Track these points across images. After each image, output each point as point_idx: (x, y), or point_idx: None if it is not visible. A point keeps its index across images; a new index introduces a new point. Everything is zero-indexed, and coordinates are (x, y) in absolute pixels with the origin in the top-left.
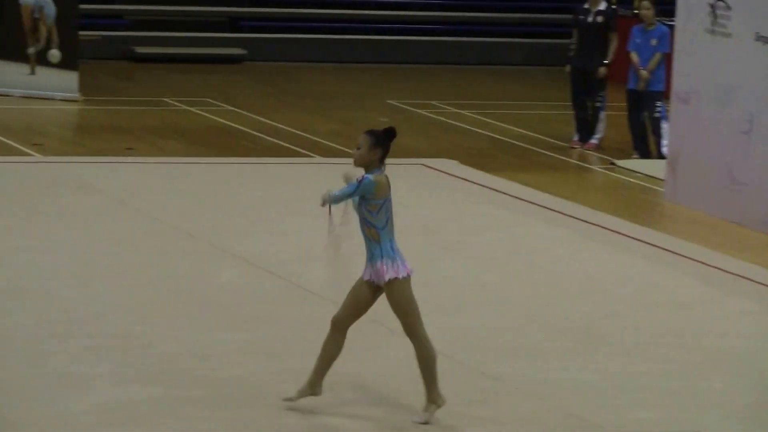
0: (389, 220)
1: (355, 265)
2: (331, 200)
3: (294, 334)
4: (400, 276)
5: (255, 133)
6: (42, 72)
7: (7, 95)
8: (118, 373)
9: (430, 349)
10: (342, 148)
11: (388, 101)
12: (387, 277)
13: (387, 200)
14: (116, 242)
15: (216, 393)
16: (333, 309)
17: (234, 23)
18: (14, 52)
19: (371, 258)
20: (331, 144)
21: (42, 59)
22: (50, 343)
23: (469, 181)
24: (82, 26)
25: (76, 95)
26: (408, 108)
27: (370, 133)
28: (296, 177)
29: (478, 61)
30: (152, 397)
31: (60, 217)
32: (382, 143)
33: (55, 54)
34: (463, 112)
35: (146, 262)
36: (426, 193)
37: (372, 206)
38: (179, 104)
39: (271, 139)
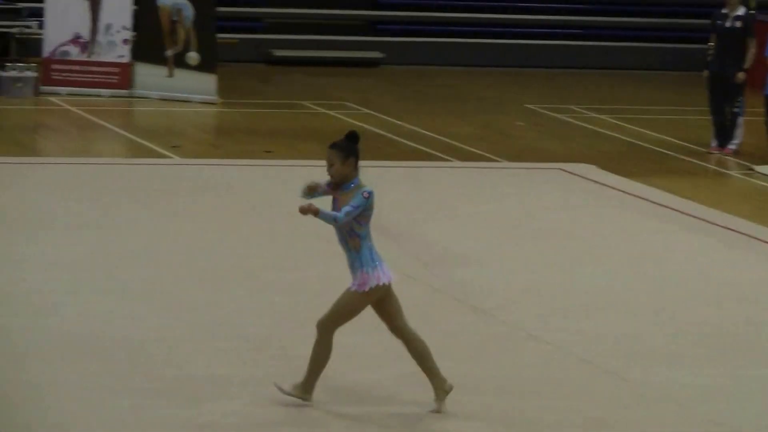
0: (368, 231)
1: None
2: (339, 222)
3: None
4: (380, 283)
5: (393, 136)
6: (180, 74)
7: (146, 98)
8: (254, 376)
9: (420, 342)
10: (480, 152)
11: (526, 105)
12: (368, 287)
13: (372, 212)
14: (252, 245)
15: (354, 396)
16: (476, 315)
17: (372, 26)
18: (153, 55)
19: (352, 268)
20: (469, 148)
21: (180, 62)
22: (185, 346)
23: (607, 186)
24: (220, 29)
25: (214, 98)
26: (546, 112)
27: (336, 147)
28: (434, 180)
29: (617, 66)
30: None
31: (197, 219)
32: (352, 152)
33: (193, 56)
34: (600, 116)
35: (282, 265)
36: (564, 197)
37: (365, 217)
38: (317, 107)
39: (409, 142)
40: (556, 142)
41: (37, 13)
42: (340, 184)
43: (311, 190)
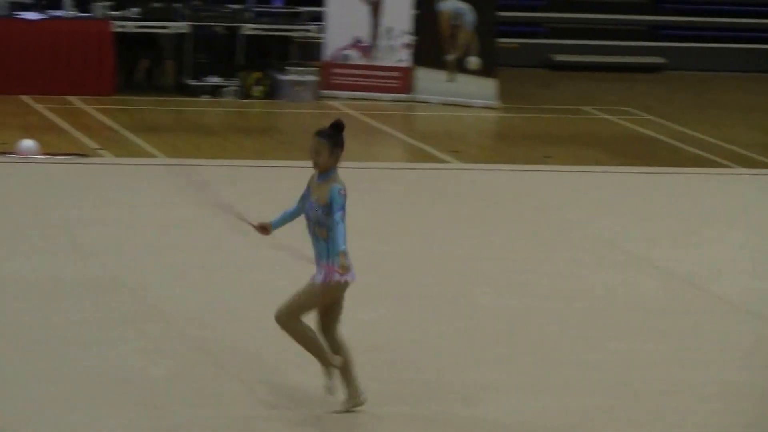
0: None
1: None
2: (344, 243)
3: (709, 347)
4: (343, 280)
5: (676, 143)
6: (461, 79)
7: (426, 102)
8: (529, 383)
9: (346, 351)
10: (766, 159)
11: None
12: (333, 280)
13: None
14: (531, 250)
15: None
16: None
17: (653, 31)
18: (433, 60)
19: (318, 258)
20: (753, 155)
21: (460, 66)
22: (473, 350)
23: None
24: (500, 34)
25: (495, 102)
26: None
27: (323, 135)
28: (716, 188)
29: None
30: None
31: (475, 224)
32: (339, 143)
33: (473, 61)
34: None
35: (562, 270)
36: None
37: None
38: (598, 113)
39: (692, 149)
40: None
41: (318, 17)
42: (320, 174)
43: (265, 231)
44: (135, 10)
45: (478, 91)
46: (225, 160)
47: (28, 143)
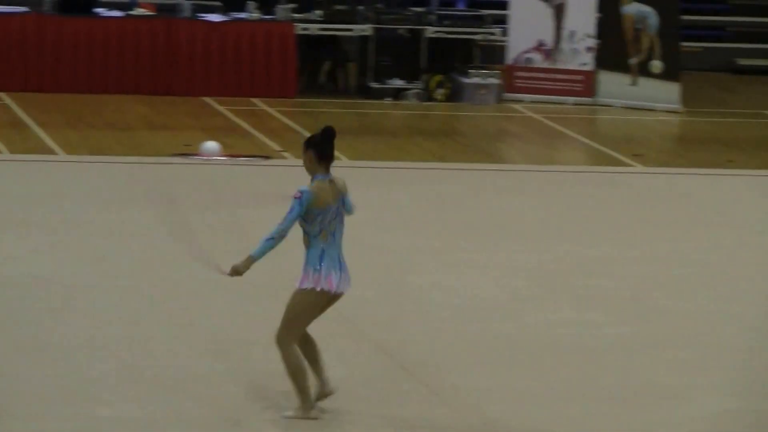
0: (324, 230)
1: None
2: (276, 238)
3: None
4: (318, 288)
5: None
6: (643, 83)
7: (609, 105)
8: (715, 384)
9: (299, 363)
10: None
11: None
12: (304, 285)
13: (325, 211)
14: (713, 254)
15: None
16: None
17: None
18: (616, 63)
19: (304, 263)
20: None
21: (643, 70)
22: (643, 353)
23: None
24: (683, 37)
25: (677, 106)
26: None
27: (305, 140)
28: None
29: None
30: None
31: (657, 227)
32: (312, 146)
33: (656, 65)
34: None
35: (743, 274)
36: None
37: (308, 215)
38: None
39: None
40: None
41: (501, 20)
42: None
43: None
44: (318, 12)
45: (661, 94)
46: (405, 162)
47: (211, 145)
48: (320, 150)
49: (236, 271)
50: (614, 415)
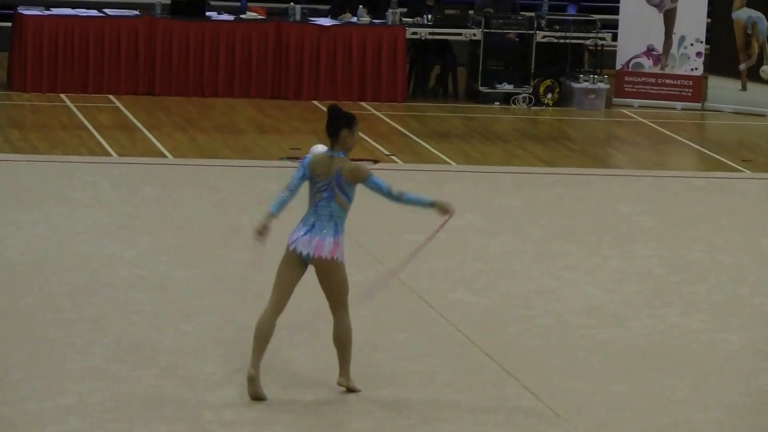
0: (312, 197)
1: None
2: (287, 189)
3: None
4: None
5: None
6: (753, 88)
7: (718, 111)
8: None
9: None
10: None
11: None
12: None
13: (315, 180)
14: None
15: None
16: None
17: None
18: (726, 68)
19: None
20: None
21: (754, 75)
22: (760, 360)
23: None
24: None
25: None
26: None
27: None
28: None
29: None
30: None
31: (766, 233)
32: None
33: (767, 71)
34: None
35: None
36: None
37: (310, 180)
38: None
39: None
40: None
41: (611, 25)
42: None
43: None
44: (428, 16)
45: None
46: (514, 167)
47: (320, 148)
48: (328, 130)
49: (259, 232)
50: (719, 421)
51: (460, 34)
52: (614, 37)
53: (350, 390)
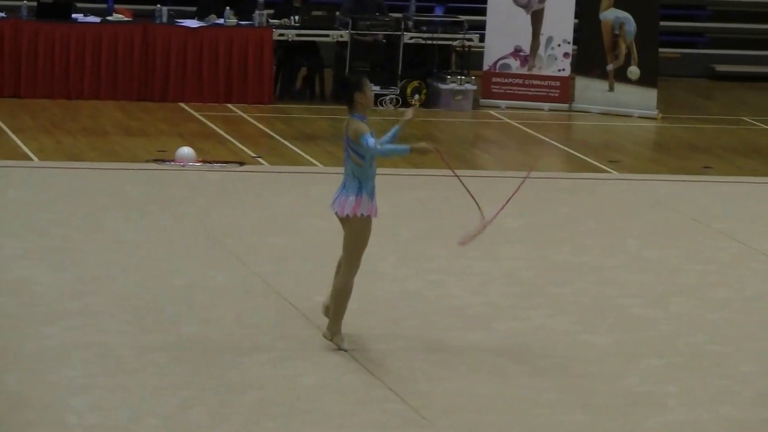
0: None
1: None
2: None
3: None
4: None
5: None
6: (621, 89)
7: (586, 112)
8: (687, 393)
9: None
10: None
11: None
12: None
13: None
14: (693, 260)
15: None
16: None
17: None
18: (593, 69)
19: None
20: None
21: (621, 76)
22: (625, 361)
23: None
24: (661, 43)
25: (654, 112)
26: None
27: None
28: None
29: None
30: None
31: (633, 234)
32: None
33: (634, 71)
34: None
35: (719, 281)
36: None
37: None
38: (759, 123)
39: None
40: None
41: (479, 26)
42: None
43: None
44: (295, 18)
45: (639, 101)
46: (379, 169)
47: (186, 151)
48: (344, 98)
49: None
50: (586, 423)
51: (327, 36)
52: (482, 38)
53: (336, 347)
